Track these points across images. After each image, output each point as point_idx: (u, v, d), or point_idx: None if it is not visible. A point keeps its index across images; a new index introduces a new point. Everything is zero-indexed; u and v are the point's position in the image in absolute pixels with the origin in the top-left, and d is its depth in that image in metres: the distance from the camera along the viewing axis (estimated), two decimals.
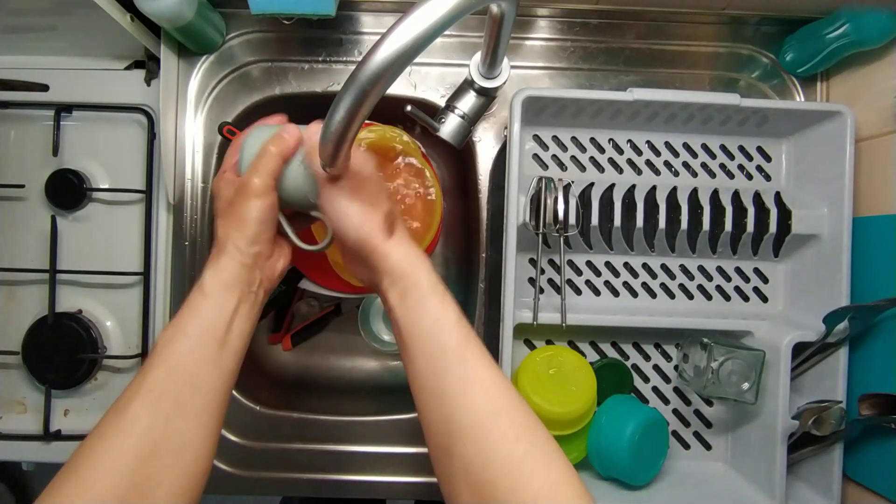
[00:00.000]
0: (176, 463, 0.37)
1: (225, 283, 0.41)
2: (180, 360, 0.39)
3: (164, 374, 0.38)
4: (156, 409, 0.37)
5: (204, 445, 0.39)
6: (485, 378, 0.38)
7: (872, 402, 0.54)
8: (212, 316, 0.40)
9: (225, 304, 0.41)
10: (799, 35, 0.64)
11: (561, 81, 0.67)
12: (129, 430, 0.36)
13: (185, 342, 0.39)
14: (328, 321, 0.79)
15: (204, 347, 0.40)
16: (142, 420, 0.36)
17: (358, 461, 0.66)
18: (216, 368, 0.40)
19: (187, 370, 0.39)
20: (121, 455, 0.35)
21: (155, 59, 0.65)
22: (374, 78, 0.34)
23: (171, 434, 0.37)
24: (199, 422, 0.39)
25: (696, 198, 0.62)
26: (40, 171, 0.66)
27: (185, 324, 0.40)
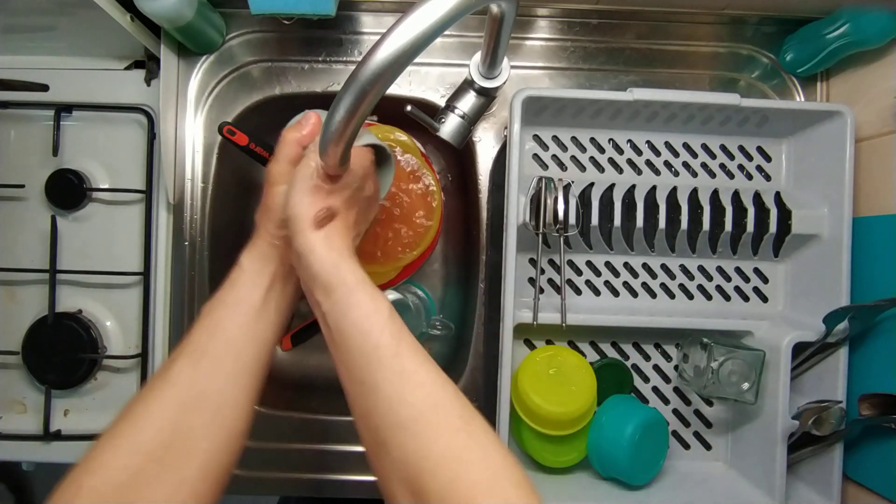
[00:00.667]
0: (217, 418, 0.40)
1: (258, 258, 0.45)
2: (220, 326, 0.42)
3: (206, 337, 0.42)
4: (197, 366, 0.40)
5: (243, 406, 0.42)
6: (420, 372, 0.38)
7: (872, 402, 0.54)
8: (248, 287, 0.44)
9: (260, 277, 0.44)
10: (799, 35, 0.64)
11: (561, 81, 0.67)
12: (173, 381, 0.39)
13: (223, 310, 0.43)
14: None
15: (241, 315, 0.43)
16: (184, 374, 0.40)
17: (357, 461, 0.66)
18: (253, 335, 0.43)
19: (227, 335, 0.42)
20: (167, 402, 0.38)
21: (155, 59, 0.65)
22: (374, 78, 0.34)
23: (212, 391, 0.40)
24: (237, 383, 0.41)
25: (696, 198, 0.62)
26: (40, 171, 0.66)
27: (224, 294, 0.44)
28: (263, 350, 0.44)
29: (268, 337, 0.44)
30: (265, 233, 0.45)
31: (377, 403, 0.37)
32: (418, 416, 0.36)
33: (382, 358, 0.38)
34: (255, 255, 0.45)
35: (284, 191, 0.43)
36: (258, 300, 0.44)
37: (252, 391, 0.43)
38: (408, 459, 0.35)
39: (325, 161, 0.40)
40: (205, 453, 0.38)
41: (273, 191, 0.45)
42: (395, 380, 0.37)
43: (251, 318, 0.43)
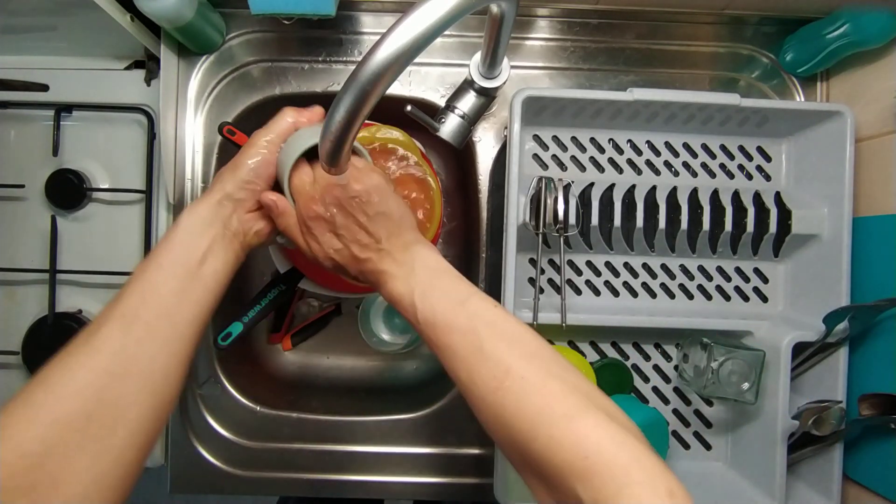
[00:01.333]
0: (146, 385, 0.38)
1: (200, 219, 0.43)
2: (153, 289, 0.40)
3: (138, 300, 0.39)
4: (128, 332, 0.38)
5: (175, 373, 0.40)
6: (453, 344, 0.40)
7: (872, 402, 0.54)
8: (185, 249, 0.42)
9: (198, 239, 0.42)
10: (799, 35, 0.64)
11: (561, 81, 0.67)
12: (100, 348, 0.37)
13: (158, 272, 0.41)
14: (328, 321, 0.79)
15: (176, 279, 0.41)
16: (114, 341, 0.37)
17: (357, 461, 0.66)
18: (188, 300, 0.41)
19: (160, 298, 0.40)
20: (91, 371, 0.36)
21: (155, 59, 0.65)
22: (374, 78, 0.34)
23: (142, 357, 0.38)
24: (169, 349, 0.39)
25: (696, 198, 0.62)
26: (40, 171, 0.66)
27: (160, 255, 0.42)
28: (198, 316, 0.42)
29: (203, 302, 0.42)
30: (219, 189, 0.44)
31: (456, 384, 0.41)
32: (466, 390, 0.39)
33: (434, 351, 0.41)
34: (196, 215, 0.43)
35: (260, 158, 0.45)
36: (194, 263, 0.42)
37: (185, 358, 0.41)
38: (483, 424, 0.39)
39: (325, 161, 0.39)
40: (132, 422, 0.37)
41: (249, 152, 0.45)
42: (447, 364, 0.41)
43: (186, 281, 0.41)
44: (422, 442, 0.66)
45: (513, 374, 0.37)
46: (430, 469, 0.66)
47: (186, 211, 0.44)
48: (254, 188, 0.45)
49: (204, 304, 0.42)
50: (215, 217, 0.44)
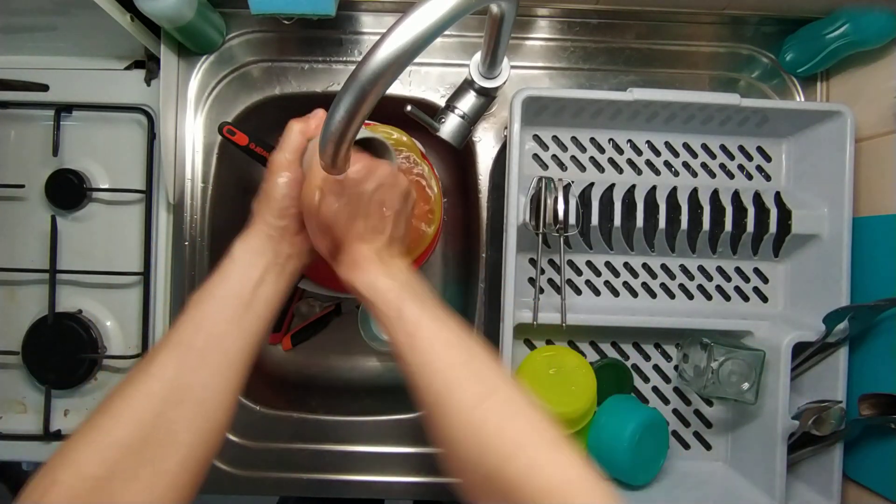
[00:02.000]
0: (199, 412, 0.39)
1: (252, 250, 0.44)
2: (207, 319, 0.42)
3: (192, 330, 0.41)
4: (183, 360, 0.39)
5: (226, 400, 0.41)
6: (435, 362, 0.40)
7: (872, 402, 0.54)
8: (238, 280, 0.43)
9: (251, 270, 0.44)
10: (799, 35, 0.64)
11: (561, 81, 0.67)
12: (157, 375, 0.39)
13: (211, 303, 0.42)
14: (328, 321, 0.79)
15: (230, 308, 0.42)
16: (168, 368, 0.39)
17: (357, 461, 0.66)
18: (240, 329, 0.42)
19: (213, 328, 0.41)
20: (148, 397, 0.37)
21: (155, 59, 0.65)
22: (374, 78, 0.34)
23: (195, 385, 0.39)
24: (222, 377, 0.41)
25: (696, 198, 0.62)
26: (40, 171, 0.66)
27: (213, 286, 0.43)
28: (250, 344, 0.43)
29: (256, 330, 0.44)
30: (262, 222, 0.45)
31: (412, 391, 0.41)
32: (437, 400, 0.38)
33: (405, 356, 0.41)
34: (248, 246, 0.45)
35: (287, 180, 0.44)
36: (248, 293, 0.43)
37: (236, 385, 0.42)
38: (440, 441, 0.38)
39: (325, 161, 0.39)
40: (186, 447, 0.38)
41: (275, 180, 0.45)
42: (417, 370, 0.40)
43: (239, 311, 0.42)
44: (422, 442, 0.66)
45: (500, 394, 0.37)
46: (430, 469, 0.66)
47: (238, 243, 0.45)
48: (293, 212, 0.45)
49: (256, 332, 0.44)
50: (266, 247, 0.45)
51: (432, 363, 0.39)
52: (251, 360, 0.43)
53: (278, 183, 0.45)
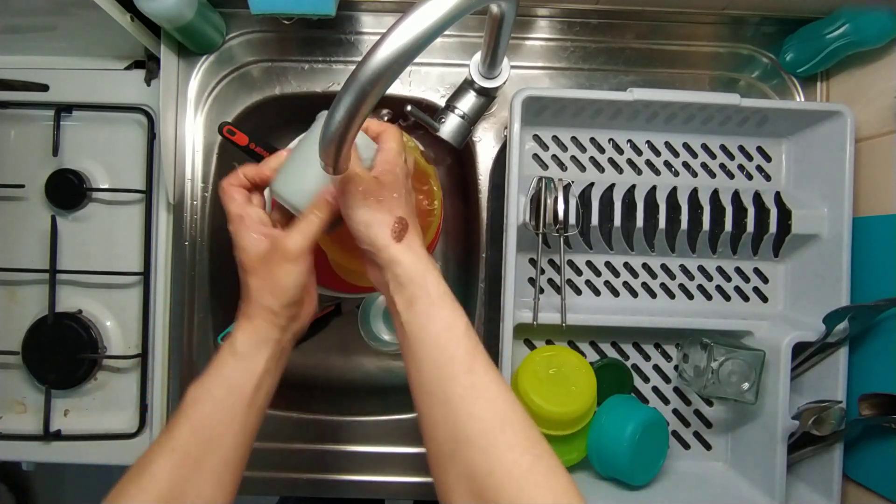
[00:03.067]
0: None
1: (257, 342, 0.42)
2: (204, 422, 0.40)
3: (188, 433, 0.39)
4: (177, 469, 0.38)
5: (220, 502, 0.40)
6: (492, 389, 0.38)
7: (872, 402, 0.54)
8: (241, 378, 0.41)
9: (255, 365, 0.41)
10: (799, 35, 0.64)
11: (561, 81, 0.67)
12: (149, 488, 0.37)
13: (210, 404, 0.40)
14: (328, 321, 0.79)
15: (229, 409, 0.40)
16: (161, 480, 0.37)
17: (357, 461, 0.66)
18: (241, 427, 0.41)
19: (211, 431, 0.40)
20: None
21: (155, 59, 0.65)
22: (374, 78, 0.34)
23: (191, 494, 0.38)
24: (217, 480, 0.39)
25: (696, 198, 0.62)
26: (40, 171, 0.66)
27: (213, 385, 0.41)
28: (248, 441, 0.42)
29: (255, 425, 0.42)
30: (270, 315, 0.42)
31: (446, 416, 0.38)
32: (486, 432, 0.36)
33: (456, 372, 0.38)
34: (254, 338, 0.42)
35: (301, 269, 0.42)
36: (249, 391, 0.41)
37: (233, 485, 0.41)
38: (473, 474, 0.36)
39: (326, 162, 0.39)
40: None
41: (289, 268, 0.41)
42: (467, 394, 0.38)
43: (239, 412, 0.41)
44: (422, 442, 0.66)
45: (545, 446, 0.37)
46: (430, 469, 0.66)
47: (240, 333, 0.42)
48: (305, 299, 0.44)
49: (255, 426, 0.42)
50: (270, 335, 0.42)
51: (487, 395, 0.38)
52: (248, 454, 0.42)
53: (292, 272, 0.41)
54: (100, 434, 0.66)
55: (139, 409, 0.67)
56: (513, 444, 0.36)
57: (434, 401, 0.39)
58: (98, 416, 0.67)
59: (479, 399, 0.37)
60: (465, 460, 0.36)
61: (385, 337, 0.75)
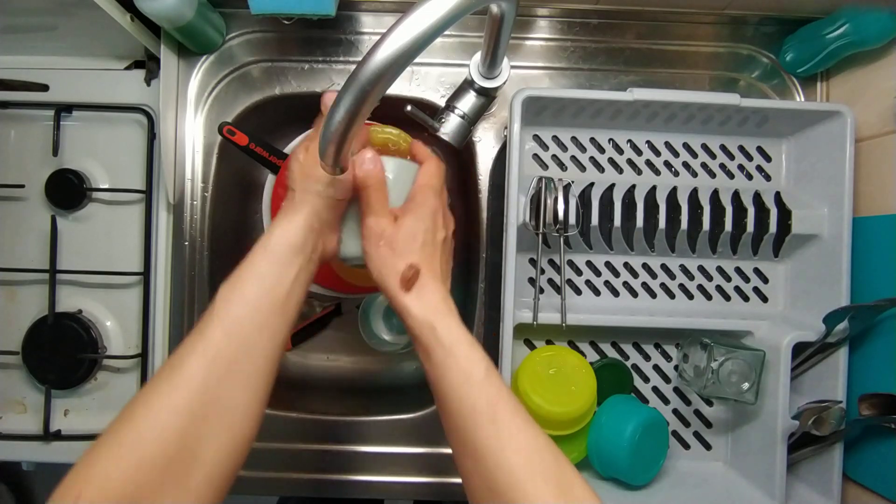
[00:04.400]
0: (225, 425, 0.37)
1: (291, 244, 0.41)
2: (237, 324, 0.39)
3: (221, 335, 0.38)
4: (210, 370, 0.37)
5: (253, 410, 0.39)
6: (518, 437, 0.38)
7: (872, 402, 0.54)
8: (273, 280, 0.40)
9: (287, 269, 0.41)
10: (799, 35, 0.64)
11: (561, 81, 0.67)
12: (184, 386, 0.37)
13: (243, 306, 0.39)
14: (328, 321, 0.79)
15: (262, 314, 0.40)
16: (196, 379, 0.37)
17: (357, 461, 0.66)
18: (271, 335, 0.40)
19: (244, 334, 0.39)
20: (174, 413, 0.36)
21: (155, 59, 0.65)
22: (374, 78, 0.34)
23: (223, 397, 0.37)
24: (250, 386, 0.39)
25: (696, 198, 0.62)
26: (40, 171, 0.66)
27: (246, 283, 0.40)
28: (278, 349, 0.41)
29: (285, 334, 0.42)
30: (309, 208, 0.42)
31: (476, 466, 0.38)
32: (515, 484, 0.36)
33: (479, 422, 0.38)
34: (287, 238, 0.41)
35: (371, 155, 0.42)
36: (282, 296, 0.40)
37: (264, 394, 0.40)
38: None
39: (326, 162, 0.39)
40: (212, 461, 0.37)
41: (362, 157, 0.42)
42: (492, 445, 0.37)
43: (272, 316, 0.40)
44: (422, 442, 0.66)
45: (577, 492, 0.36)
46: (430, 469, 0.66)
47: (273, 236, 0.41)
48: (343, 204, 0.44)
49: (285, 335, 0.42)
50: (306, 241, 0.42)
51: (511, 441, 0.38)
52: (278, 362, 0.41)
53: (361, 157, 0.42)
54: (100, 434, 0.66)
55: None
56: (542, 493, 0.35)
57: (464, 450, 0.39)
58: (98, 416, 0.67)
59: (504, 450, 0.37)
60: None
61: (385, 337, 0.75)
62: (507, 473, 0.36)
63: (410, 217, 0.43)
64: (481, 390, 0.39)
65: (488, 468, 0.37)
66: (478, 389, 0.39)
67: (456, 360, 0.40)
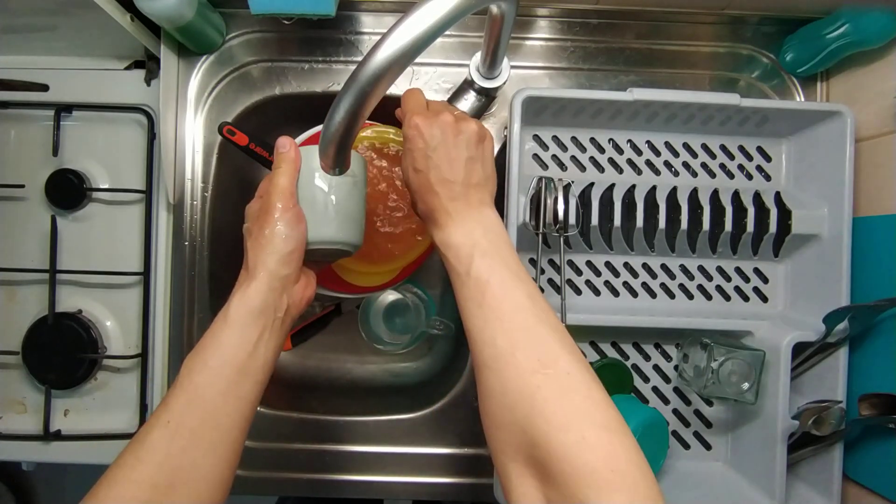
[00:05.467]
0: (191, 494, 0.37)
1: (250, 310, 0.41)
2: (200, 393, 0.39)
3: (184, 405, 0.39)
4: (173, 440, 0.37)
5: (219, 477, 0.39)
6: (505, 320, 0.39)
7: (872, 402, 0.54)
8: (234, 345, 0.40)
9: (248, 333, 0.41)
10: (799, 35, 0.64)
11: (561, 81, 0.67)
12: (146, 459, 0.37)
13: (205, 374, 0.39)
14: (328, 321, 0.79)
15: (224, 379, 0.40)
16: (159, 451, 0.37)
17: (356, 461, 0.66)
18: (236, 399, 0.40)
19: (206, 402, 0.39)
20: (137, 485, 0.36)
21: (155, 59, 0.65)
22: (374, 78, 0.34)
23: (187, 466, 0.37)
24: (215, 454, 0.39)
25: (696, 198, 0.62)
26: (40, 171, 0.66)
27: (207, 354, 0.40)
28: (246, 412, 0.41)
29: (252, 398, 0.41)
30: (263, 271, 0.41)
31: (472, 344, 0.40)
32: (498, 356, 0.38)
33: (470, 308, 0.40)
34: (248, 305, 0.41)
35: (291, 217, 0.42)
36: (243, 360, 0.40)
37: (231, 461, 0.40)
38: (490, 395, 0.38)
39: (326, 163, 0.39)
40: None
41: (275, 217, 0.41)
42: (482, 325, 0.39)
43: (235, 381, 0.40)
44: (422, 442, 0.66)
45: (560, 365, 0.37)
46: (430, 469, 0.66)
47: (235, 302, 0.41)
48: (298, 255, 0.43)
49: (252, 399, 0.41)
50: (266, 303, 0.41)
51: (498, 323, 0.39)
52: (247, 427, 0.41)
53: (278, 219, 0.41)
54: (100, 434, 0.66)
55: (139, 409, 0.67)
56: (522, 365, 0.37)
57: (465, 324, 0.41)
58: (98, 416, 0.67)
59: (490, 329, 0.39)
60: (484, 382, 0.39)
61: (385, 337, 0.75)
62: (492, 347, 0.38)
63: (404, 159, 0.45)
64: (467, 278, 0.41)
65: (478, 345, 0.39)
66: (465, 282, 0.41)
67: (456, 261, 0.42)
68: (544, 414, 0.35)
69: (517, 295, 0.39)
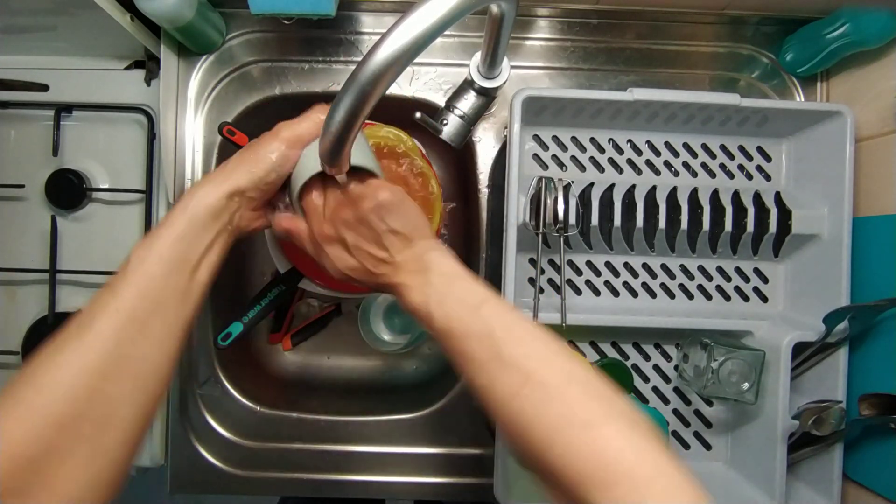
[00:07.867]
0: (137, 385, 0.37)
1: (209, 210, 0.41)
2: (152, 285, 0.38)
3: (135, 295, 0.38)
4: (123, 330, 0.37)
5: (165, 371, 0.39)
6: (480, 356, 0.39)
7: (872, 402, 0.54)
8: (189, 243, 0.40)
9: (203, 234, 0.41)
10: (799, 35, 0.64)
11: (561, 81, 0.67)
12: (93, 346, 0.36)
13: (158, 266, 0.39)
14: (328, 321, 0.79)
15: (176, 275, 0.39)
16: (107, 340, 0.36)
17: (357, 461, 0.66)
18: (184, 297, 0.40)
19: (158, 296, 0.38)
20: (83, 371, 0.35)
21: (155, 59, 0.65)
22: (374, 78, 0.34)
23: (135, 357, 0.37)
24: (162, 349, 0.39)
25: (696, 198, 0.62)
26: (40, 171, 0.66)
27: (162, 246, 0.39)
28: (192, 313, 0.41)
29: (197, 298, 0.41)
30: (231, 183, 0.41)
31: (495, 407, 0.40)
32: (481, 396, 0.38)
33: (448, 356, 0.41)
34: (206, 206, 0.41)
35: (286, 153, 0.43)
36: (196, 258, 0.40)
37: (175, 354, 0.40)
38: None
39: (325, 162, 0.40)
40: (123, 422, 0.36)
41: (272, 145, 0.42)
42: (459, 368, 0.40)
43: (185, 279, 0.40)
44: (422, 442, 0.66)
45: (532, 381, 0.36)
46: (430, 469, 0.66)
47: (194, 198, 0.41)
48: (270, 188, 0.43)
49: (198, 301, 0.41)
50: (223, 210, 0.41)
51: (468, 362, 0.38)
52: (190, 328, 0.41)
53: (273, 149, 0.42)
54: None
55: None
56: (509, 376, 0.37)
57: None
58: None
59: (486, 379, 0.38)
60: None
61: (385, 337, 0.75)
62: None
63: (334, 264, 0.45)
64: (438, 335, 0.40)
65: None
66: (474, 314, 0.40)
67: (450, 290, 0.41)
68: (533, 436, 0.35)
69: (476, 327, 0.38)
